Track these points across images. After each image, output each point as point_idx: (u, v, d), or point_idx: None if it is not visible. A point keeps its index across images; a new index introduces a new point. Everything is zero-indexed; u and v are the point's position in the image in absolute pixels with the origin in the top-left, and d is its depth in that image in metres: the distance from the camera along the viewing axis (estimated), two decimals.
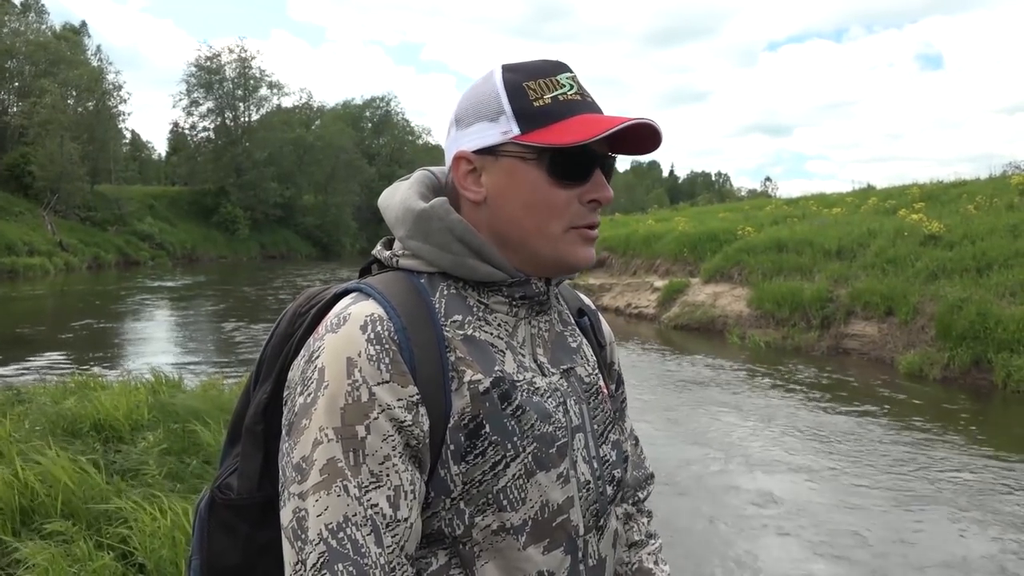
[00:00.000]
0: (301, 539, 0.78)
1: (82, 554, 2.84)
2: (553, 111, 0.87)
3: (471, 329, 0.89)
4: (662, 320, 14.40)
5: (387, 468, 0.79)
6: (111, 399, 4.92)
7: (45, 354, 11.03)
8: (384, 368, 0.81)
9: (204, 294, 23.53)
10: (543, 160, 0.87)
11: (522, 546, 0.86)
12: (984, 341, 8.92)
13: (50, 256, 31.36)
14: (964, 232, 11.55)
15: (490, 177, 0.90)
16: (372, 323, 0.82)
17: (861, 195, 20.27)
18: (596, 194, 0.90)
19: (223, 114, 54.50)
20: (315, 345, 0.84)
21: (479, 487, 0.84)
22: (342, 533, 0.77)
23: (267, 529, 0.89)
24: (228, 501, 0.92)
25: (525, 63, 0.91)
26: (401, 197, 0.95)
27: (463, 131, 0.91)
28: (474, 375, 0.85)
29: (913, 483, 5.66)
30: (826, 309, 11.48)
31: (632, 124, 0.86)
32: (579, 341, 1.01)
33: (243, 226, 48.76)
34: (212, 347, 13.10)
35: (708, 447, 6.64)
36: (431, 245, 0.90)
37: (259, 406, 0.91)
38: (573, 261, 0.91)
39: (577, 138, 0.85)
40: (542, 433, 0.88)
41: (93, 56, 48.17)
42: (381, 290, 0.87)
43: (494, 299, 0.91)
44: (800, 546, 4.60)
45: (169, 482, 3.74)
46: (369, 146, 65.58)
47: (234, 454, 0.96)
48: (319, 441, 0.79)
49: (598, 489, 0.95)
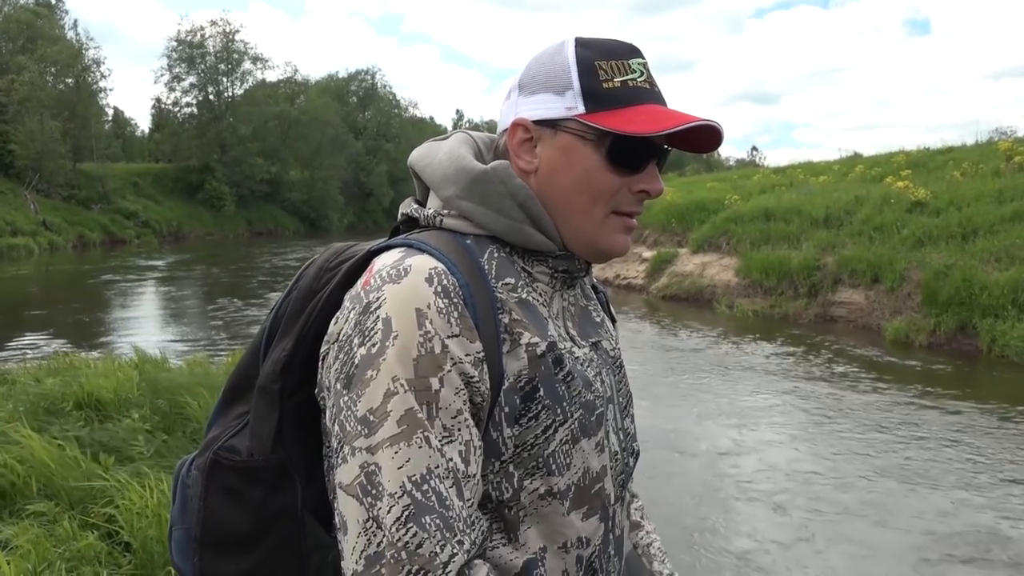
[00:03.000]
0: (373, 494, 0.74)
1: (65, 534, 2.83)
2: (621, 96, 0.86)
3: (524, 293, 0.88)
4: (651, 290, 14.43)
5: (458, 423, 0.78)
6: (96, 378, 4.88)
7: (30, 335, 10.95)
8: (454, 322, 0.79)
9: (190, 272, 23.38)
10: (603, 144, 0.86)
11: (566, 511, 0.87)
12: (969, 307, 8.99)
13: (34, 236, 31.05)
14: (950, 199, 11.57)
15: (545, 149, 0.89)
16: (438, 276, 0.80)
17: (848, 163, 20.27)
18: (647, 186, 0.90)
19: (206, 89, 53.76)
20: (371, 296, 0.80)
21: (530, 450, 0.84)
22: (426, 485, 0.74)
23: (282, 493, 0.85)
24: (236, 464, 0.87)
25: (599, 40, 0.90)
26: (450, 156, 0.91)
27: (526, 98, 0.90)
28: (532, 338, 0.85)
29: (899, 447, 5.71)
30: (813, 277, 11.52)
31: (698, 125, 0.85)
32: (602, 316, 1.02)
33: (229, 203, 48.33)
34: (199, 326, 13.03)
35: (695, 415, 6.68)
36: (487, 208, 0.88)
37: (278, 364, 0.86)
38: (610, 247, 0.91)
39: (643, 129, 0.84)
40: (587, 400, 0.89)
41: (70, 31, 47.28)
42: (436, 246, 0.84)
43: (538, 268, 0.91)
44: (786, 512, 4.65)
45: (157, 459, 3.72)
46: (355, 120, 64.87)
47: (234, 414, 0.92)
48: (392, 391, 0.76)
49: (623, 460, 0.98)
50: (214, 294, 16.99)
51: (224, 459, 0.87)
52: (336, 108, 60.32)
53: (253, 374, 0.91)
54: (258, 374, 0.89)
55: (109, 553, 2.87)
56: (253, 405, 0.88)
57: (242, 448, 0.87)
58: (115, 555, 2.89)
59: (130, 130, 71.25)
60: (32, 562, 2.60)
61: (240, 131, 50.87)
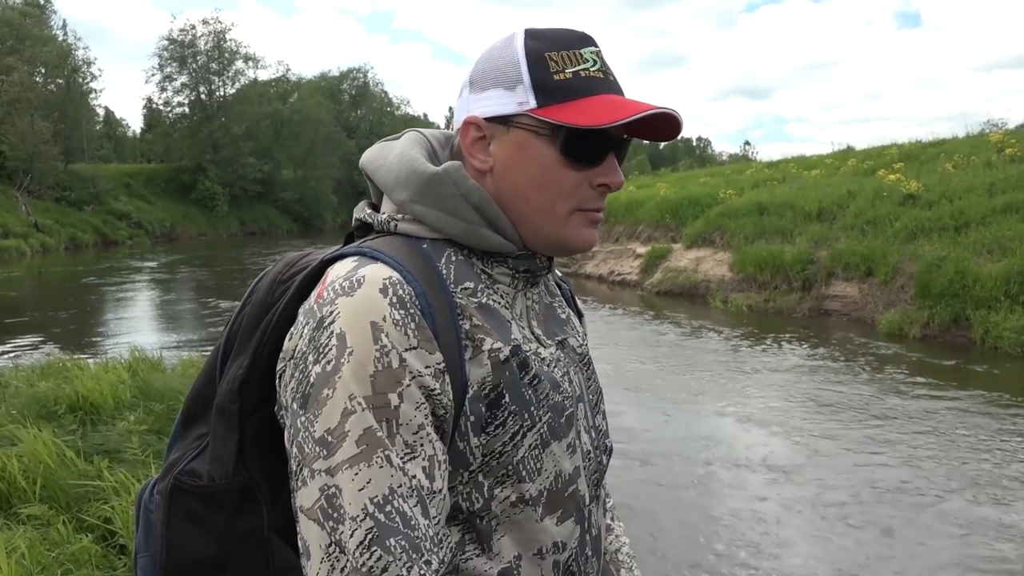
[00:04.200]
0: (335, 518, 0.71)
1: (59, 537, 2.82)
2: (573, 87, 0.83)
3: (484, 297, 0.86)
4: (645, 286, 14.44)
5: (420, 438, 0.75)
6: (90, 380, 4.86)
7: (23, 338, 10.90)
8: (411, 333, 0.76)
9: (184, 273, 23.30)
10: (557, 138, 0.84)
11: (539, 517, 0.85)
12: (962, 299, 9.02)
13: (26, 238, 30.82)
14: (942, 191, 11.60)
15: (499, 147, 0.86)
16: (393, 286, 0.77)
17: (841, 157, 20.29)
18: (607, 179, 0.87)
19: (198, 89, 53.44)
20: (324, 310, 0.77)
21: (499, 458, 0.82)
22: (389, 506, 0.72)
23: (247, 516, 0.83)
24: (198, 489, 0.83)
25: (550, 30, 0.87)
26: (401, 158, 0.88)
27: (477, 95, 0.87)
28: (494, 343, 0.83)
29: (894, 439, 5.73)
30: (807, 271, 11.55)
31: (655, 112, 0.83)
32: (567, 312, 1.00)
33: (222, 202, 48.12)
34: (193, 327, 13.00)
35: (690, 410, 6.69)
36: (441, 211, 0.85)
37: (234, 382, 0.83)
38: (576, 243, 0.89)
39: (596, 121, 0.81)
40: (555, 403, 0.87)
41: (59, 31, 46.99)
42: (390, 254, 0.81)
43: (498, 270, 0.88)
44: (779, 505, 4.66)
45: (153, 460, 3.70)
46: (348, 119, 64.68)
47: (194, 436, 0.89)
48: (350, 411, 0.73)
49: (597, 459, 0.96)
50: (207, 295, 16.94)
51: (185, 484, 0.84)
52: (329, 107, 60.09)
53: (210, 393, 0.87)
54: (215, 393, 0.86)
55: (104, 556, 2.87)
56: (212, 426, 0.85)
57: (203, 471, 0.84)
58: (110, 558, 2.88)
59: (121, 130, 71.00)
60: (27, 566, 2.59)
61: (232, 131, 50.63)
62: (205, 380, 0.91)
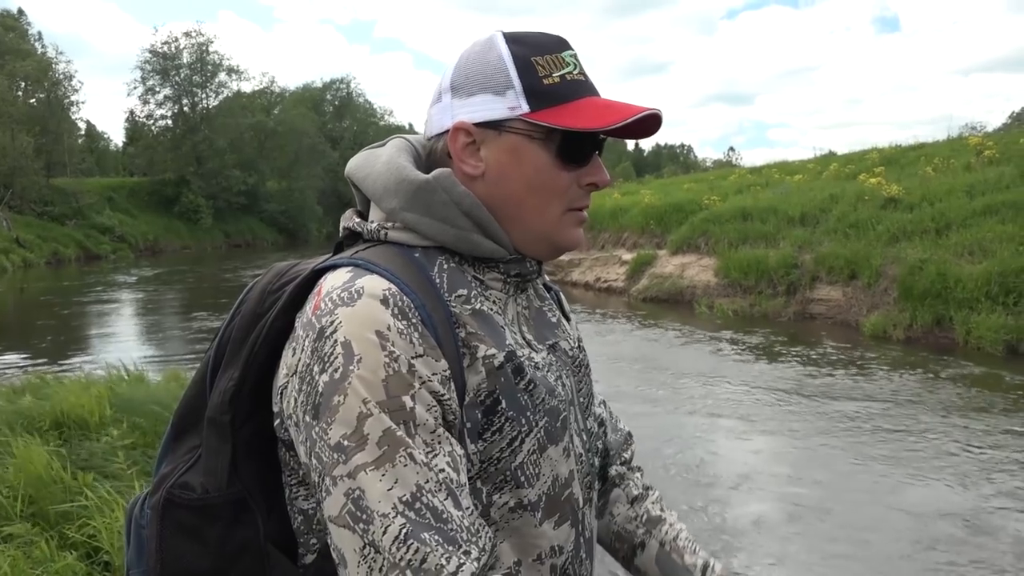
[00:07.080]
0: (364, 519, 0.71)
1: (42, 555, 2.78)
2: (562, 91, 0.85)
3: (478, 304, 0.86)
4: (631, 293, 14.48)
5: (438, 436, 0.75)
6: (72, 395, 4.81)
7: (6, 355, 10.77)
8: (416, 342, 0.76)
9: (167, 286, 23.13)
10: (551, 141, 0.85)
11: (538, 522, 0.86)
12: (944, 300, 9.11)
13: (7, 253, 30.48)
14: (923, 194, 11.73)
15: (490, 152, 0.86)
16: (392, 297, 0.77)
17: (822, 161, 20.51)
18: (595, 178, 0.89)
19: (181, 101, 53.20)
20: (324, 320, 0.76)
21: (497, 465, 0.83)
22: (419, 503, 0.72)
23: (242, 528, 0.82)
24: (192, 502, 0.83)
25: (529, 34, 0.89)
26: (389, 166, 0.88)
27: (462, 100, 0.87)
28: (488, 350, 0.83)
29: (879, 439, 5.77)
30: (791, 275, 11.62)
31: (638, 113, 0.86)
32: (557, 315, 1.00)
33: (206, 215, 47.86)
34: (177, 339, 12.90)
35: (678, 415, 6.70)
36: (432, 218, 0.85)
37: (226, 394, 0.83)
38: (566, 243, 0.91)
39: (594, 124, 0.84)
40: (551, 407, 0.88)
41: (36, 43, 46.62)
42: (385, 265, 0.81)
43: (490, 275, 0.89)
44: (768, 507, 4.68)
45: (141, 478, 3.67)
46: (332, 130, 64.60)
47: (185, 448, 0.88)
48: (366, 414, 0.73)
49: (589, 461, 0.96)
50: (191, 307, 16.83)
51: (178, 497, 0.83)
52: (312, 118, 59.99)
53: (201, 405, 0.87)
54: (206, 404, 0.85)
55: (88, 574, 2.83)
56: (204, 438, 0.84)
57: (196, 484, 0.83)
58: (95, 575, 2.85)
59: (103, 144, 70.36)
60: None
61: (216, 143, 50.40)
62: (196, 391, 0.90)
